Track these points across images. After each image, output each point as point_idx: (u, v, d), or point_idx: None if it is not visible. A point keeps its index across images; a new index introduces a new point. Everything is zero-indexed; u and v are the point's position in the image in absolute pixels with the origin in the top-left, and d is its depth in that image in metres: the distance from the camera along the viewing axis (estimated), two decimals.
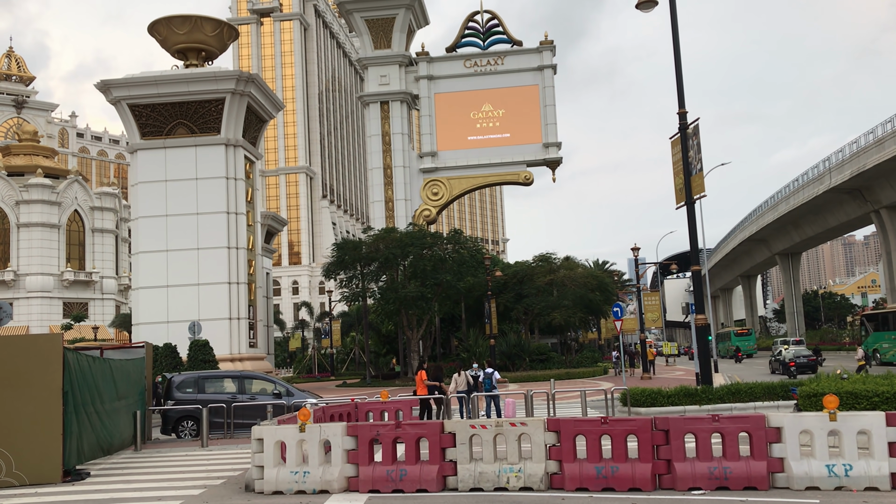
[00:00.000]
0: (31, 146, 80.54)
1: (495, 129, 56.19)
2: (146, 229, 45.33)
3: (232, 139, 46.15)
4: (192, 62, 48.54)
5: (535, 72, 56.19)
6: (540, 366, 50.93)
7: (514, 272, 59.72)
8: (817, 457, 10.48)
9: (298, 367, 69.89)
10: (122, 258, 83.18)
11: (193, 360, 37.35)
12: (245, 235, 46.61)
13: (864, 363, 32.54)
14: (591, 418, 11.57)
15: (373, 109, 57.15)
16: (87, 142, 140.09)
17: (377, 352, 55.95)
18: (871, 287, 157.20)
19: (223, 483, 13.24)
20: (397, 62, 57.01)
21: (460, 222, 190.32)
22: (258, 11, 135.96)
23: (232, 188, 45.89)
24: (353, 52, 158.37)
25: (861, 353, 33.52)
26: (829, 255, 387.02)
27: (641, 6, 20.42)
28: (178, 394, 22.47)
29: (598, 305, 60.90)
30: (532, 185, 55.96)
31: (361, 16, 57.17)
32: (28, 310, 72.97)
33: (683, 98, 20.66)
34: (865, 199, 63.24)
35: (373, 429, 11.92)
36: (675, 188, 21.29)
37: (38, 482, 13.88)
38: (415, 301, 45.46)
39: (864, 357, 33.05)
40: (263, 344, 51.09)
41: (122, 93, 45.73)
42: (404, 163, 56.18)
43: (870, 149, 56.29)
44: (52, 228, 75.14)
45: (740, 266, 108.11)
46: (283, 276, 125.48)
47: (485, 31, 57.41)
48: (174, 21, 47.99)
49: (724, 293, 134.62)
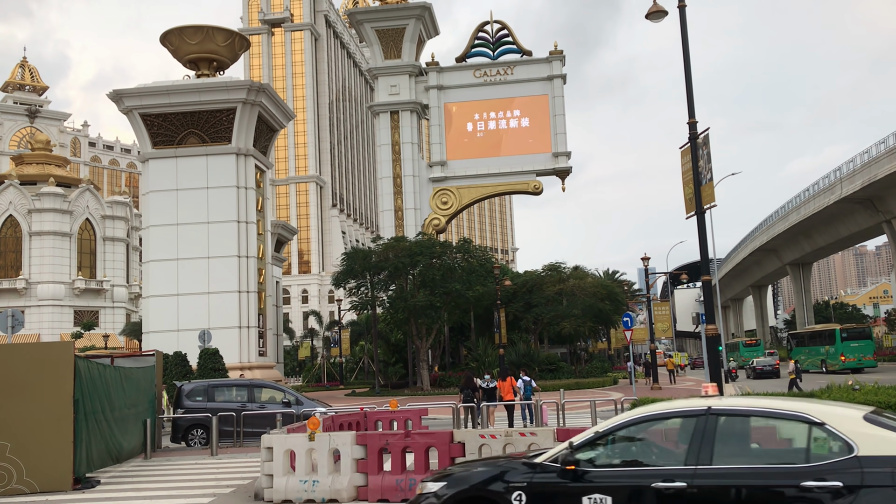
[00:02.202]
0: (43, 155, 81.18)
1: (505, 138, 56.25)
2: (157, 238, 45.55)
3: (243, 148, 46.38)
4: (203, 72, 48.86)
5: (545, 81, 56.26)
6: (549, 376, 50.79)
7: (524, 281, 59.65)
8: None
9: (307, 376, 69.92)
10: (132, 267, 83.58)
11: (203, 368, 37.45)
12: (255, 244, 46.77)
13: (795, 376, 32.70)
14: None
15: (383, 119, 57.33)
16: (99, 151, 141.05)
17: (386, 361, 55.89)
18: (882, 297, 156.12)
19: (233, 491, 13.26)
20: (407, 72, 57.21)
21: (469, 231, 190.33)
22: (269, 22, 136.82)
23: (242, 197, 46.08)
24: (363, 63, 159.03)
25: (792, 366, 33.76)
26: (841, 266, 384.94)
27: (651, 16, 20.45)
28: (187, 402, 22.53)
29: (607, 315, 60.73)
30: (541, 194, 55.95)
31: (372, 26, 57.43)
32: (39, 318, 73.36)
33: (693, 108, 20.65)
34: (877, 209, 62.92)
35: (382, 438, 11.92)
36: (685, 198, 21.24)
37: (49, 490, 13.93)
38: (424, 310, 45.44)
39: (795, 370, 33.22)
40: (273, 353, 51.17)
41: (134, 102, 46.06)
42: (414, 172, 56.28)
43: (881, 158, 56.03)
44: (64, 237, 75.61)
45: (751, 276, 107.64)
46: (293, 284, 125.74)
47: (494, 42, 57.54)
48: (186, 31, 48.33)
49: (735, 303, 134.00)
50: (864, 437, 6.12)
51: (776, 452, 6.78)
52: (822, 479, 6.04)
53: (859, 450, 6.08)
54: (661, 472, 6.61)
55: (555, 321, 54.55)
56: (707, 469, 6.45)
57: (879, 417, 6.47)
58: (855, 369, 52.33)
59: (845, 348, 54.63)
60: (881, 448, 6.02)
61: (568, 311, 53.86)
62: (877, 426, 6.23)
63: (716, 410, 6.77)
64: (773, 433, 6.90)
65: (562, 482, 6.89)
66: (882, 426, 6.25)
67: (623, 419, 7.14)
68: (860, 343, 54.90)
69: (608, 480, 6.78)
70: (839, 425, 6.29)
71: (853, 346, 54.67)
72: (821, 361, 57.16)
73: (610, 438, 7.12)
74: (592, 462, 6.95)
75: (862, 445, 6.09)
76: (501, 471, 7.19)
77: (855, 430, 6.21)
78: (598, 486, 6.75)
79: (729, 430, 6.69)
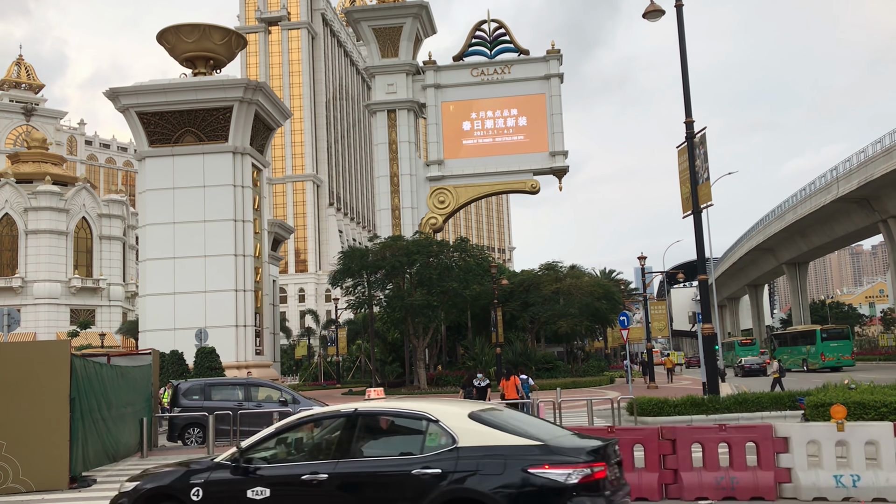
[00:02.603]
0: (39, 153, 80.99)
1: (502, 137, 56.27)
2: (153, 236, 45.48)
3: (239, 147, 46.32)
4: (200, 70, 48.76)
5: (542, 81, 56.28)
6: (546, 374, 50.80)
7: (521, 280, 59.66)
8: (825, 467, 10.44)
9: (304, 375, 69.87)
10: (129, 265, 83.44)
11: (200, 367, 37.41)
12: (252, 243, 46.72)
13: (779, 375, 32.76)
14: (598, 427, 11.55)
15: (380, 118, 57.32)
16: (95, 149, 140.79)
17: (383, 360, 55.89)
18: (878, 297, 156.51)
19: None
20: (404, 71, 57.19)
21: (467, 231, 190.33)
22: (266, 20, 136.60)
23: (239, 196, 46.02)
24: (360, 61, 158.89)
25: (776, 365, 33.86)
26: (837, 265, 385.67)
27: (649, 16, 20.48)
28: (184, 401, 22.51)
29: (604, 314, 60.74)
30: (538, 193, 56.08)
31: (369, 25, 57.40)
32: (35, 316, 73.20)
33: (690, 107, 20.69)
34: (873, 208, 63.05)
35: None
36: (682, 197, 21.28)
37: (45, 488, 13.91)
38: (421, 309, 45.44)
39: (778, 369, 33.30)
40: (269, 351, 51.13)
41: (131, 101, 45.97)
42: (411, 171, 56.27)
43: (877, 158, 56.14)
44: (60, 235, 75.44)
45: (747, 275, 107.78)
46: (290, 283, 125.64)
47: (492, 41, 57.55)
48: (183, 30, 48.22)
49: (731, 302, 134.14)
50: (465, 431, 7.27)
51: (401, 445, 7.75)
52: (427, 467, 7.14)
53: (460, 441, 7.20)
54: (310, 466, 7.66)
55: (551, 320, 54.57)
56: (346, 462, 7.53)
57: (483, 414, 7.61)
58: (834, 368, 55.00)
59: (825, 348, 57.21)
60: (476, 439, 7.18)
61: (565, 310, 53.88)
62: (477, 422, 7.39)
63: (361, 412, 7.91)
64: (403, 430, 7.89)
65: (232, 478, 7.88)
66: (481, 421, 7.40)
67: (287, 422, 8.24)
68: (839, 343, 57.26)
69: (269, 475, 7.78)
70: (448, 421, 7.40)
71: (833, 345, 57.16)
72: (802, 360, 59.84)
73: (276, 440, 8.21)
74: (259, 460, 7.96)
75: (462, 437, 7.22)
76: (187, 470, 8.18)
77: (459, 425, 7.34)
78: (260, 480, 7.76)
79: (368, 428, 7.86)
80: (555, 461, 6.89)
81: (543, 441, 7.14)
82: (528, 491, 6.81)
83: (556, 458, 6.92)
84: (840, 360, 56.25)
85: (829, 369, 54.91)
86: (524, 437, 7.19)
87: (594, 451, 7.08)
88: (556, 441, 7.24)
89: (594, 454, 7.04)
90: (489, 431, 7.24)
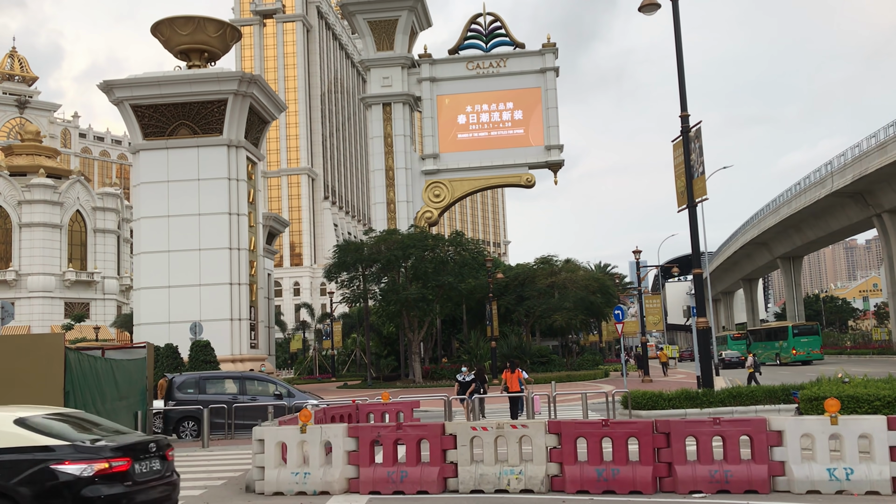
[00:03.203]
0: (33, 146, 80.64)
1: (497, 131, 56.19)
2: (148, 230, 45.37)
3: (234, 140, 46.19)
4: (194, 63, 48.58)
5: (538, 74, 56.16)
6: (541, 368, 50.89)
7: (516, 274, 59.71)
8: (818, 460, 10.48)
9: (299, 369, 69.88)
10: (123, 258, 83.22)
11: (195, 360, 37.37)
12: (247, 236, 46.64)
13: (754, 370, 32.84)
14: (592, 420, 11.57)
15: (375, 111, 57.18)
16: (89, 142, 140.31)
17: (378, 353, 55.94)
18: (872, 291, 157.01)
19: (224, 483, 13.25)
20: (400, 64, 57.02)
21: (462, 224, 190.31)
22: (261, 13, 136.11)
23: (234, 189, 45.91)
24: (355, 54, 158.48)
25: (751, 360, 33.96)
26: (831, 259, 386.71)
27: (645, 9, 20.46)
28: (179, 394, 22.49)
29: (599, 308, 60.87)
30: (534, 187, 55.98)
31: (364, 17, 57.19)
32: (30, 310, 73.01)
33: (686, 101, 20.69)
34: (867, 202, 63.19)
35: (374, 430, 11.92)
36: (677, 191, 21.31)
37: None
38: (416, 303, 45.46)
39: (753, 364, 33.40)
40: (265, 345, 51.11)
41: (125, 93, 45.79)
42: (406, 164, 56.17)
43: (872, 152, 56.24)
44: (54, 228, 75.21)
45: (742, 269, 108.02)
46: (285, 277, 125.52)
47: (487, 34, 57.40)
48: (177, 22, 48.02)
49: (726, 296, 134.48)
50: (7, 435, 8.27)
51: None
52: None
53: None
54: None
55: (546, 314, 54.65)
56: None
57: (35, 419, 8.60)
58: (805, 361, 58.91)
59: (796, 343, 60.81)
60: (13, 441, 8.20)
61: (560, 303, 53.97)
62: (21, 426, 8.38)
63: None
64: None
65: None
66: (25, 426, 8.40)
67: None
68: (809, 339, 60.89)
69: None
70: None
71: (803, 341, 60.78)
72: (775, 355, 63.44)
73: None
74: None
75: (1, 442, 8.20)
76: None
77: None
78: None
79: None
80: (75, 458, 8.12)
81: (74, 441, 8.32)
82: (48, 483, 8.01)
83: (77, 455, 8.14)
84: (810, 354, 59.71)
85: (799, 363, 58.70)
86: (62, 439, 8.31)
87: (120, 448, 8.37)
88: (94, 442, 8.39)
89: (120, 451, 8.32)
90: (28, 434, 8.29)
